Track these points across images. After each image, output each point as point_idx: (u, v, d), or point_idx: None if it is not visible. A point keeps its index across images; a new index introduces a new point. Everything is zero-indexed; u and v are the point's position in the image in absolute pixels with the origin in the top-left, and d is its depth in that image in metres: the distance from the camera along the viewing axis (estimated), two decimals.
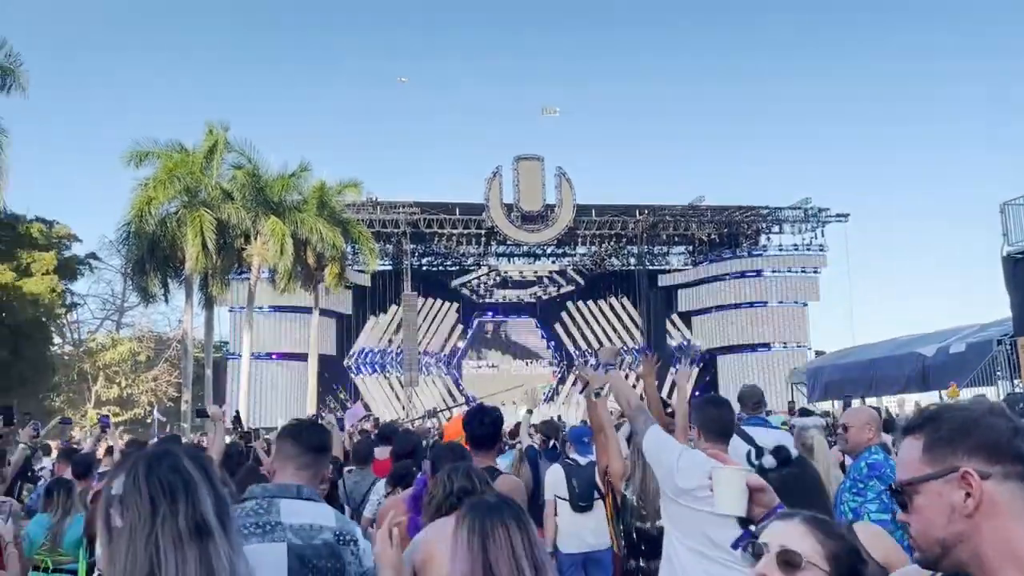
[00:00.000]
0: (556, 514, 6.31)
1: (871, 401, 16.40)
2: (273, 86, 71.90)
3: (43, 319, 27.60)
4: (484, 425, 4.41)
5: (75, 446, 10.89)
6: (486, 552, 2.09)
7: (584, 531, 6.27)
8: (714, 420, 3.86)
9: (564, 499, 6.27)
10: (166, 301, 27.73)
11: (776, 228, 36.84)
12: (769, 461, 4.16)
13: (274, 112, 69.27)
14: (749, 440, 5.30)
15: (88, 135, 72.37)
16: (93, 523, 4.93)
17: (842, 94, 70.95)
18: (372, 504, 5.79)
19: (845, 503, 4.78)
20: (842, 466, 6.42)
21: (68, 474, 6.81)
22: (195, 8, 69.23)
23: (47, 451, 11.45)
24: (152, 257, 25.08)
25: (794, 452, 4.55)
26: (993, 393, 14.35)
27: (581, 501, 6.18)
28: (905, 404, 12.61)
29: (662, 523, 3.28)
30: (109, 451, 9.16)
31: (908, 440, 1.41)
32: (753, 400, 6.47)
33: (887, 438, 6.42)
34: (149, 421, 31.04)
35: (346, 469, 6.82)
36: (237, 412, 16.07)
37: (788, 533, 1.60)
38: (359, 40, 72.01)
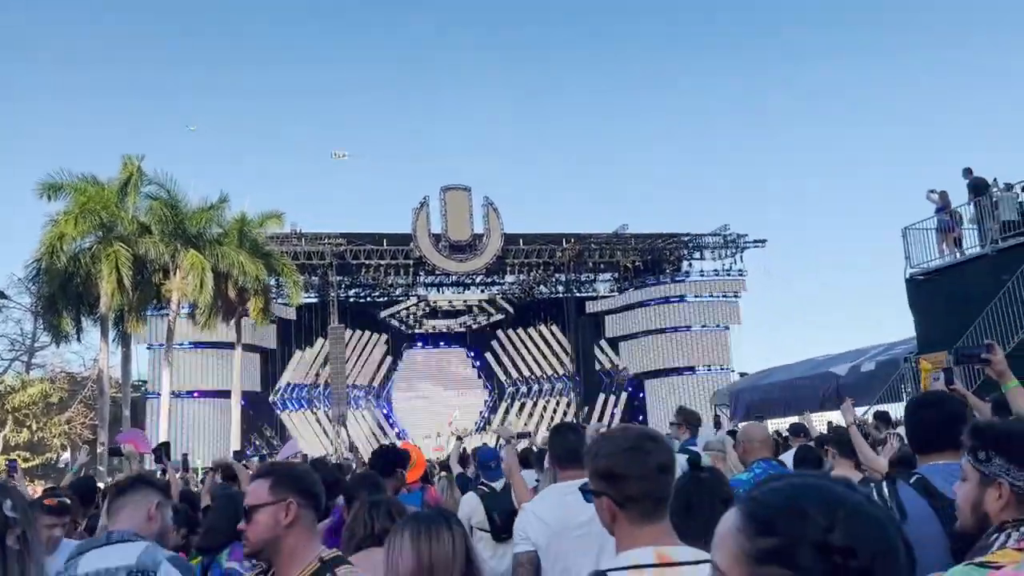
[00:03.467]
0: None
1: (791, 419, 16.80)
2: (192, 119, 70.49)
3: None
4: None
5: None
6: (431, 553, 2.22)
7: (507, 560, 6.10)
8: (563, 446, 3.94)
9: (484, 530, 5.86)
10: (79, 340, 26.70)
11: (697, 254, 37.83)
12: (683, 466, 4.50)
13: (194, 146, 67.95)
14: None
15: None
16: None
17: (757, 122, 73.65)
18: None
19: None
20: None
21: None
22: (107, 40, 67.52)
23: None
24: (64, 294, 24.14)
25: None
26: (900, 410, 14.99)
27: (504, 532, 5.75)
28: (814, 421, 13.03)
29: None
30: None
31: None
32: (696, 421, 6.87)
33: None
34: (62, 466, 29.62)
35: None
36: (165, 444, 15.28)
37: None
38: (278, 71, 71.37)
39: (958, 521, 2.13)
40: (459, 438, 10.84)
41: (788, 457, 6.50)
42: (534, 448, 8.66)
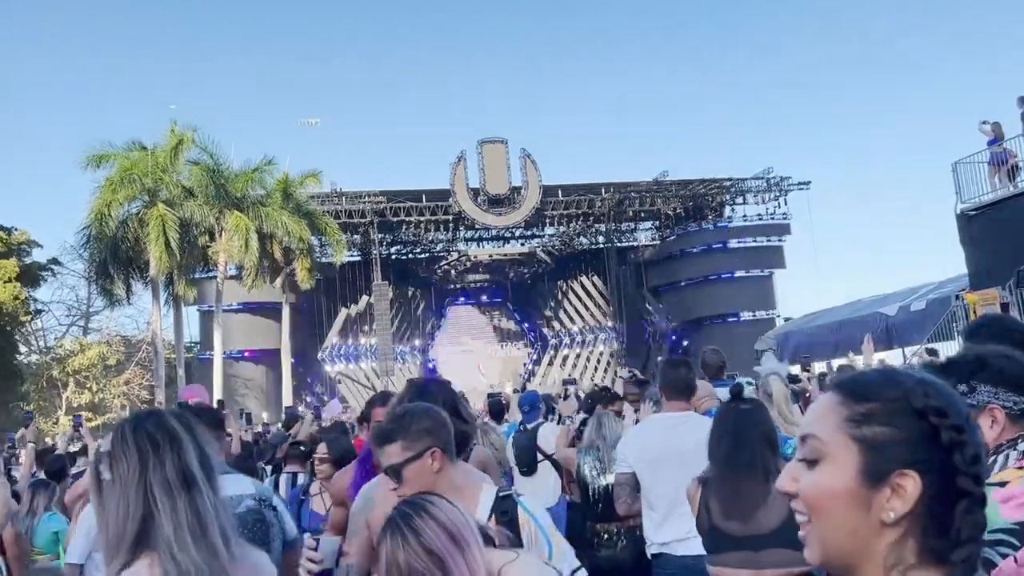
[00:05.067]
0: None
1: (837, 362, 16.60)
2: (232, 84, 70.86)
3: (7, 327, 27.14)
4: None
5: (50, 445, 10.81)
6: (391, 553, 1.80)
7: (542, 493, 6.36)
8: (674, 380, 4.02)
9: (514, 465, 6.53)
10: (129, 303, 27.39)
11: (740, 199, 37.19)
12: (724, 395, 4.59)
13: (233, 109, 68.41)
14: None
15: (43, 138, 70.90)
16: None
17: (797, 61, 71.58)
18: None
19: None
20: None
21: (41, 474, 6.80)
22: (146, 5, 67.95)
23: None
24: (115, 259, 24.73)
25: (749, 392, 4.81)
26: (952, 347, 14.69)
27: (523, 466, 6.37)
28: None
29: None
30: (84, 451, 9.09)
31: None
32: (716, 366, 6.75)
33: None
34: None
35: None
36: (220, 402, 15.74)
37: None
38: (316, 32, 71.17)
39: None
40: (516, 389, 11.44)
41: None
42: (579, 394, 8.84)
